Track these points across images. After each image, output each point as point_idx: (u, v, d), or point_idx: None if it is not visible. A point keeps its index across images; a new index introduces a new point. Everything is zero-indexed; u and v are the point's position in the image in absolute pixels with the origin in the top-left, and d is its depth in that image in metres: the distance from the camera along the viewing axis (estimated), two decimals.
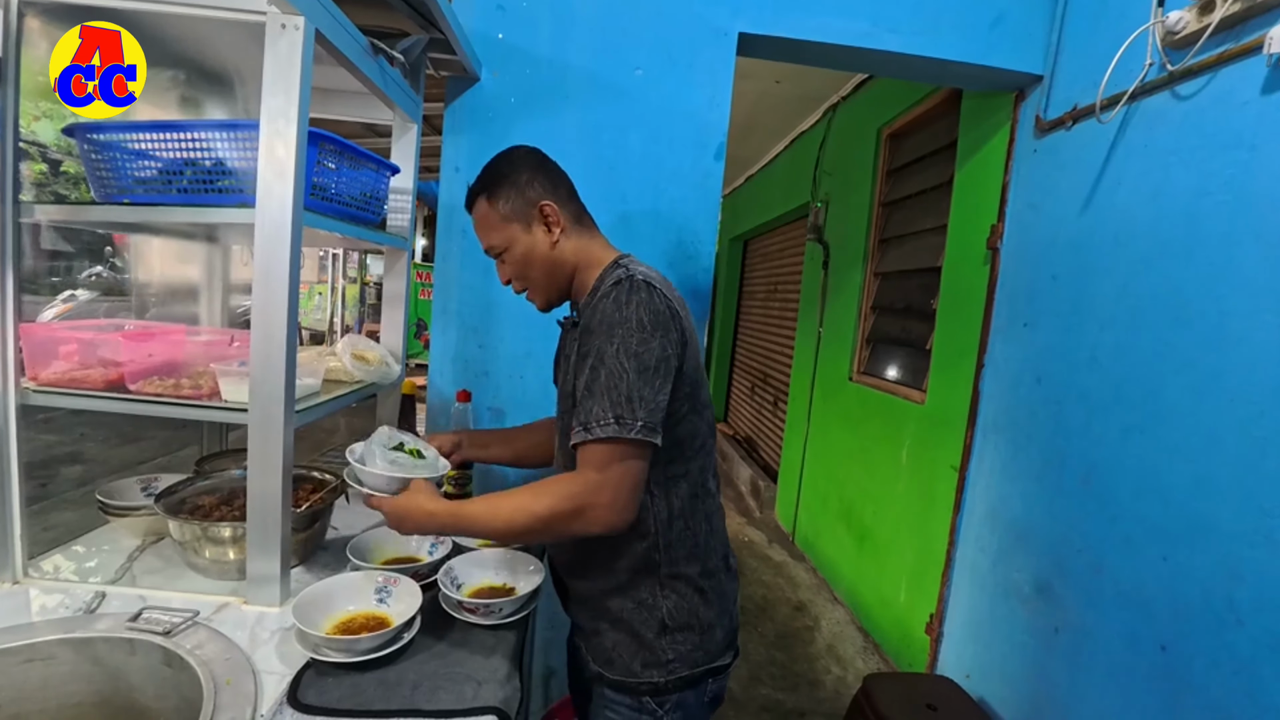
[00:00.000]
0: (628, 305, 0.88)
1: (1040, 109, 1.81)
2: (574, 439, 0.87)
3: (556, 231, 1.00)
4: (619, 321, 0.87)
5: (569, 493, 0.86)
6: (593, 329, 0.89)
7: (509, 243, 1.01)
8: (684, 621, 0.98)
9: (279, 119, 0.93)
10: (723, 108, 1.66)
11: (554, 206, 0.99)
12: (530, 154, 1.03)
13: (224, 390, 1.06)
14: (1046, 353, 1.71)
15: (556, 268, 1.02)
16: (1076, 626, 1.54)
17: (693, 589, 0.99)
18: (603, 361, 0.86)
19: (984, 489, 1.94)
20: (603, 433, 0.84)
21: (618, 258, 1.02)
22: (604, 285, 0.93)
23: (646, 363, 0.86)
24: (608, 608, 1.00)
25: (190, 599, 1.04)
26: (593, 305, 0.92)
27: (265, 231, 0.94)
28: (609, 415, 0.84)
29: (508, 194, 0.99)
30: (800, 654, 2.45)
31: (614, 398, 0.84)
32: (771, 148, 4.55)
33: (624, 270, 0.93)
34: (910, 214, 2.68)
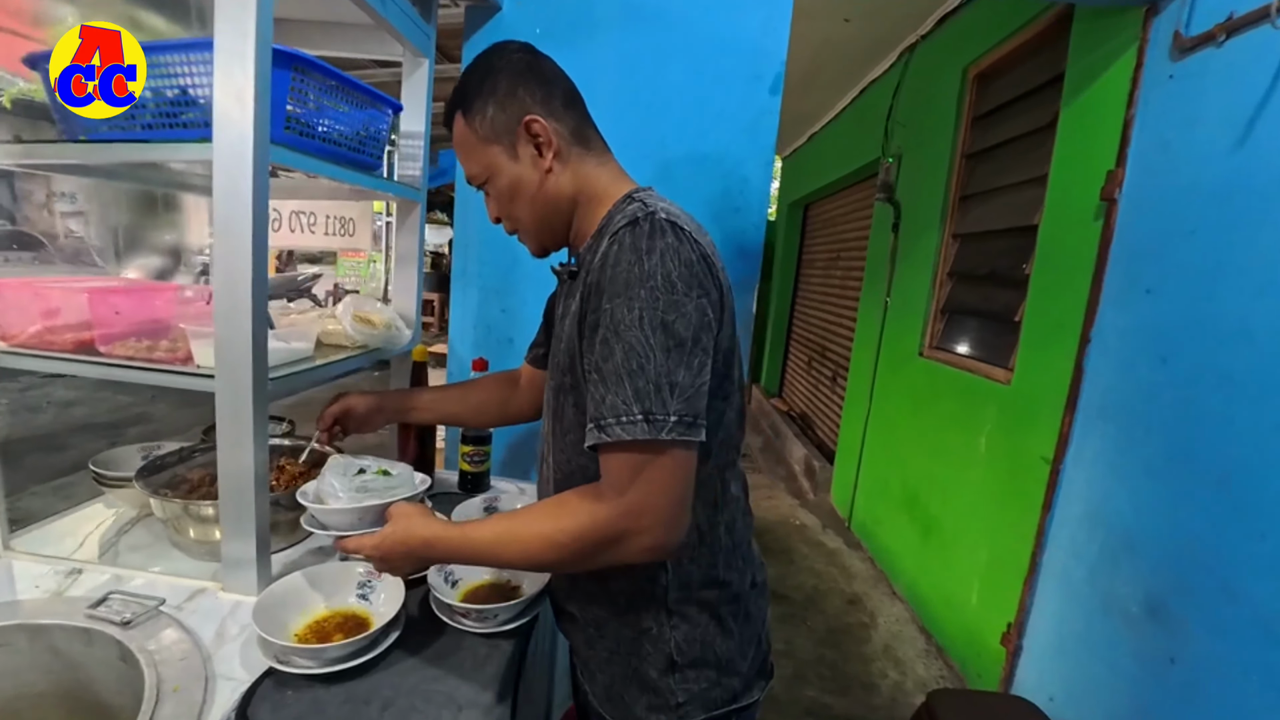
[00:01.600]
0: (649, 254, 0.65)
1: (1180, 23, 1.46)
2: (589, 439, 0.66)
3: (549, 156, 0.78)
4: (639, 278, 0.64)
5: (598, 518, 0.66)
6: (602, 286, 0.67)
7: (490, 170, 0.80)
8: (697, 656, 0.79)
9: (233, 32, 0.78)
10: (780, 32, 1.41)
11: (545, 123, 0.77)
12: (516, 53, 0.80)
13: (196, 354, 0.94)
14: (1176, 325, 1.40)
15: (550, 202, 0.80)
16: (1199, 658, 1.27)
17: (709, 616, 0.79)
18: (618, 334, 0.64)
19: (1084, 485, 1.65)
20: (626, 434, 0.63)
21: (631, 191, 0.79)
22: (611, 224, 0.72)
23: (679, 335, 0.64)
24: (605, 637, 0.82)
25: (169, 581, 0.95)
26: (600, 252, 0.70)
27: (224, 168, 0.80)
28: (635, 410, 0.63)
29: (485, 107, 0.78)
30: (853, 653, 2.24)
31: (638, 385, 0.63)
32: (836, 102, 4.16)
33: (640, 206, 0.71)
34: (999, 165, 2.33)
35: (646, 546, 0.67)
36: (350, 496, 0.82)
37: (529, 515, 0.73)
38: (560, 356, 0.79)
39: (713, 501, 0.80)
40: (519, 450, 1.61)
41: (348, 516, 0.82)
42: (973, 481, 2.21)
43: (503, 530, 0.73)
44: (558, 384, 0.81)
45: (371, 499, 0.83)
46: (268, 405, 0.91)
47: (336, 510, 0.82)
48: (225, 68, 0.79)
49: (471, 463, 1.36)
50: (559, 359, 0.80)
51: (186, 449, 1.16)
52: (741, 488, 0.86)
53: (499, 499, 1.19)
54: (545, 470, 0.90)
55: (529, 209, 0.81)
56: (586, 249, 0.79)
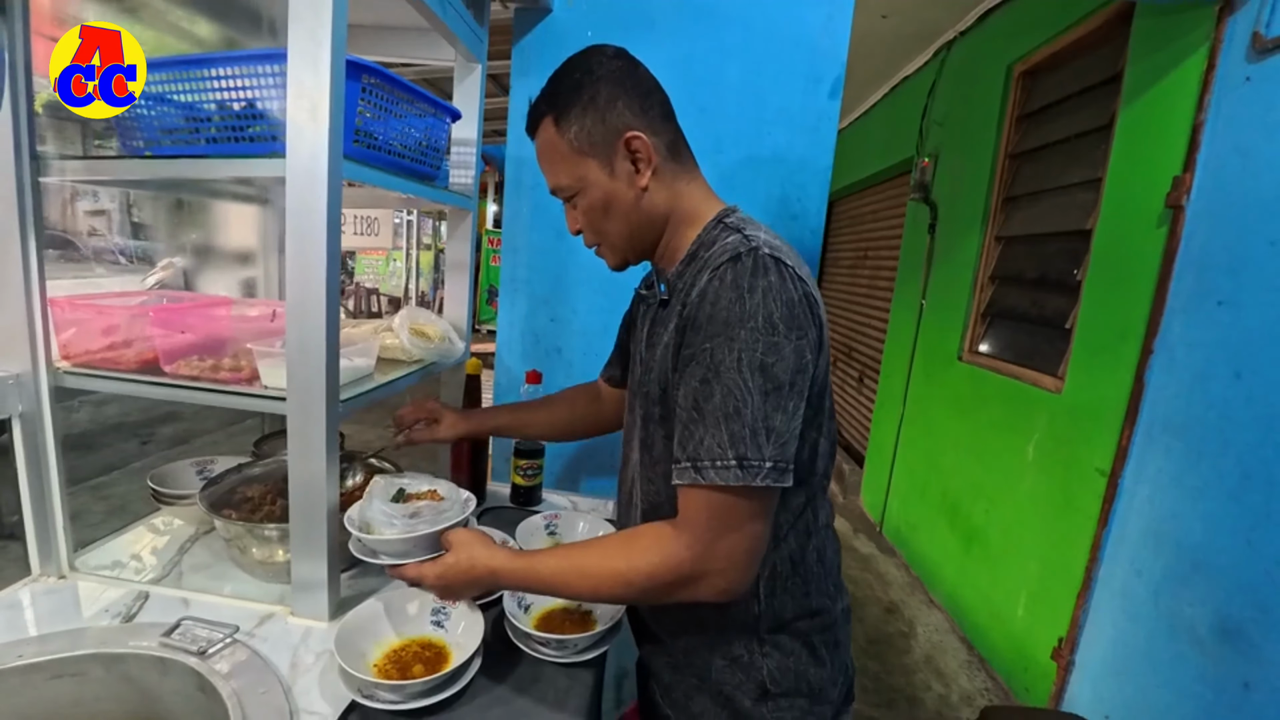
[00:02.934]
0: (752, 293, 0.63)
1: (1260, 23, 1.39)
2: (679, 477, 0.66)
3: (647, 173, 0.75)
4: (741, 318, 0.63)
5: (674, 558, 0.66)
6: (700, 323, 0.66)
7: (581, 184, 0.76)
8: (790, 686, 0.77)
9: (308, 43, 0.75)
10: (842, 32, 1.36)
11: (645, 139, 0.73)
12: (615, 58, 0.76)
13: (263, 374, 0.92)
14: (1254, 340, 1.35)
15: (644, 221, 0.77)
16: (1278, 684, 1.23)
17: (801, 644, 0.78)
18: (718, 374, 0.63)
19: (1145, 501, 1.60)
20: (720, 479, 0.63)
21: (721, 213, 0.77)
22: (712, 256, 0.69)
23: (778, 378, 0.63)
24: (693, 664, 0.81)
25: (236, 605, 0.93)
26: (699, 287, 0.67)
27: (297, 184, 0.77)
28: (729, 454, 0.62)
29: (582, 117, 0.74)
30: (895, 664, 2.21)
31: (734, 429, 0.62)
32: (868, 97, 4.08)
33: (740, 237, 0.69)
34: (1048, 167, 2.26)
35: (720, 589, 0.66)
36: (403, 524, 0.80)
37: (600, 550, 0.73)
38: (650, 386, 0.77)
39: (805, 530, 0.78)
40: (570, 463, 1.58)
41: (401, 545, 0.80)
42: (1020, 491, 2.16)
43: (570, 565, 0.72)
44: (647, 413, 0.78)
45: (423, 526, 0.80)
46: (339, 426, 0.89)
47: (389, 539, 0.80)
48: (298, 81, 0.76)
49: (525, 476, 1.33)
50: (649, 389, 0.77)
51: (244, 464, 1.14)
52: (829, 514, 0.84)
53: (559, 518, 1.16)
54: (629, 496, 0.88)
55: (621, 226, 0.78)
56: (677, 275, 0.77)
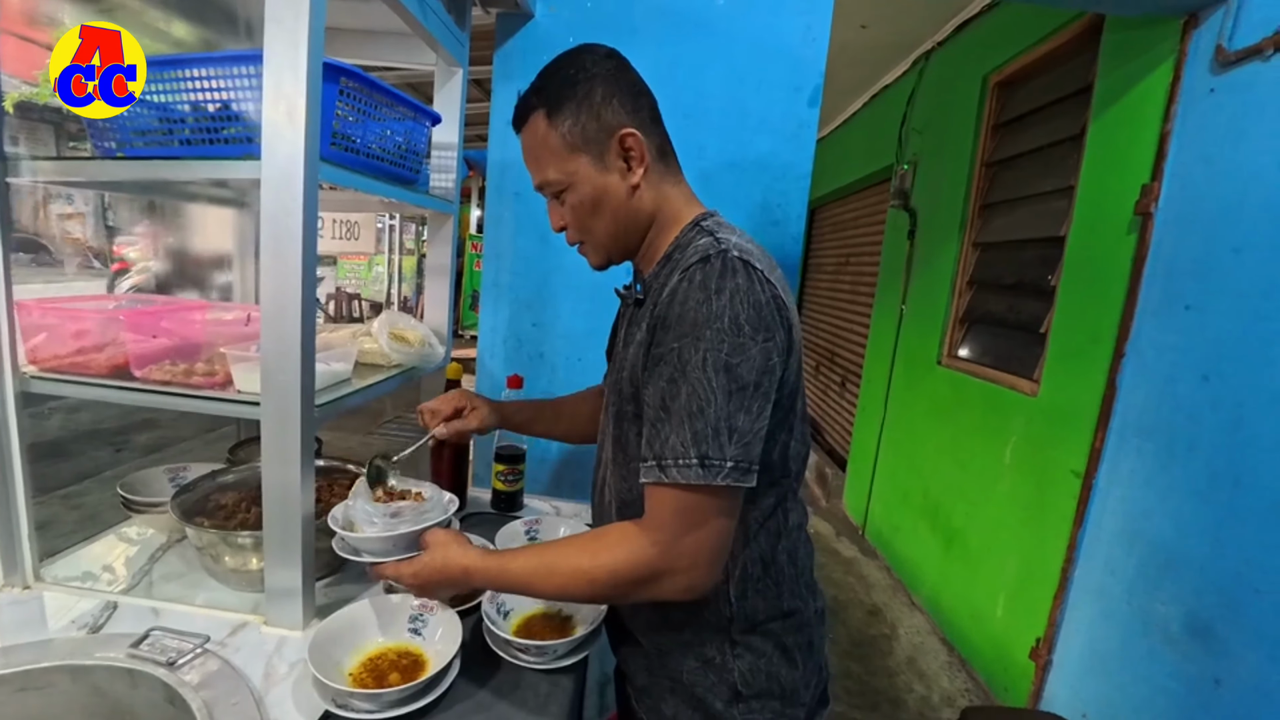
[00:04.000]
0: (719, 294, 0.64)
1: (1223, 36, 1.44)
2: (645, 475, 0.67)
3: (639, 171, 0.75)
4: (708, 319, 0.64)
5: (637, 556, 0.67)
6: (669, 323, 0.67)
7: (571, 179, 0.75)
8: (762, 687, 0.78)
9: (285, 44, 0.74)
10: (821, 42, 1.38)
11: (639, 137, 0.74)
12: (608, 58, 0.76)
13: (237, 378, 0.90)
14: (1220, 344, 1.38)
15: (630, 220, 0.77)
16: (1248, 682, 1.25)
17: (773, 645, 0.79)
18: (684, 374, 0.65)
19: (1119, 501, 1.64)
20: (682, 476, 0.64)
21: (699, 216, 0.78)
22: (685, 257, 0.70)
23: (742, 379, 0.64)
24: (666, 665, 0.81)
25: (208, 615, 0.91)
26: (669, 287, 0.68)
27: (273, 186, 0.77)
28: (691, 453, 0.63)
29: (576, 113, 0.73)
30: (878, 666, 2.22)
31: (697, 427, 0.63)
32: (848, 106, 4.14)
33: (711, 240, 0.70)
34: (1023, 175, 2.31)
35: (682, 587, 0.68)
36: (384, 523, 0.81)
37: (566, 548, 0.74)
38: (624, 384, 0.77)
39: (776, 531, 0.79)
40: (552, 468, 1.58)
41: (382, 544, 0.81)
42: (998, 493, 2.19)
43: (539, 563, 0.73)
44: (619, 410, 0.79)
45: (404, 525, 0.82)
46: (315, 431, 0.87)
47: (370, 538, 0.81)
48: (275, 82, 0.76)
49: (505, 481, 1.32)
50: (622, 386, 0.78)
51: (217, 471, 1.12)
52: (801, 516, 0.85)
53: (540, 522, 1.16)
54: (603, 495, 0.88)
55: (608, 224, 0.78)
56: (653, 276, 0.77)
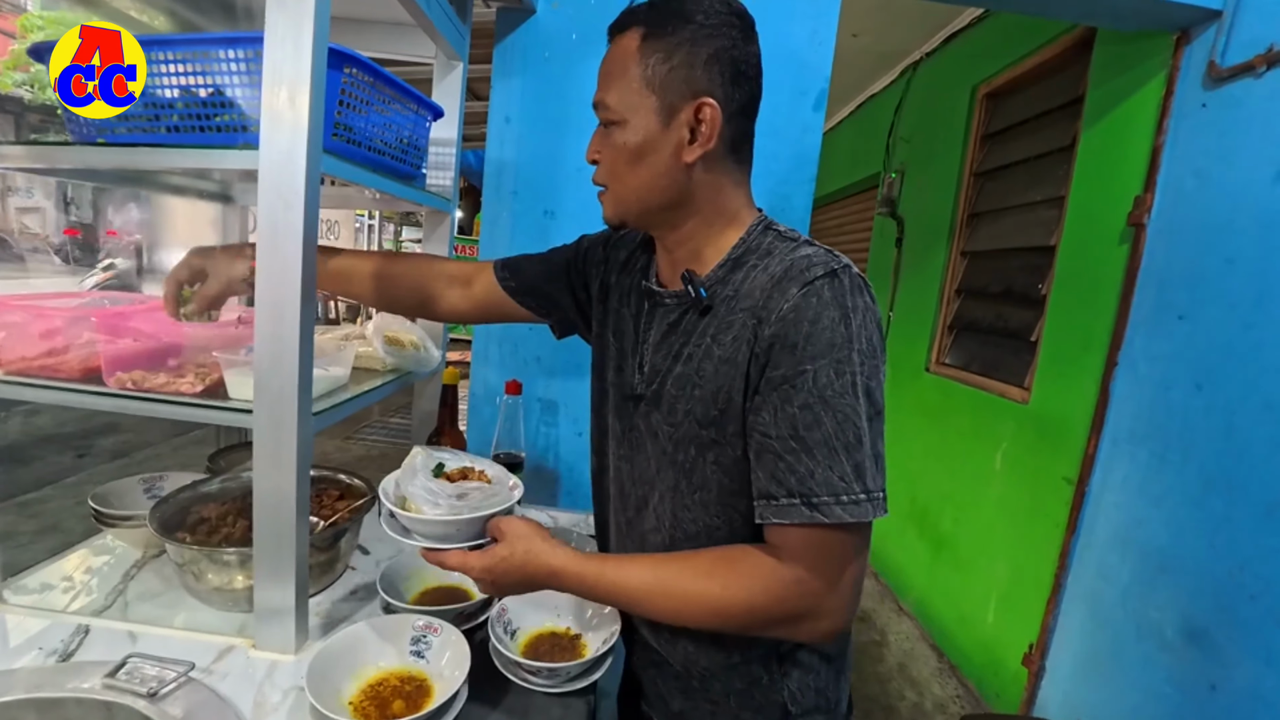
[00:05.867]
0: (854, 314, 0.60)
1: (1216, 52, 1.47)
2: (783, 515, 0.60)
3: (697, 152, 0.67)
4: (847, 340, 0.59)
5: (780, 594, 0.61)
6: (794, 342, 0.60)
7: (628, 116, 0.67)
8: (811, 703, 0.75)
9: (288, 24, 0.69)
10: (826, 45, 1.37)
11: (717, 113, 0.65)
12: (740, 17, 0.68)
13: (231, 385, 0.84)
14: (1214, 353, 1.40)
15: (666, 192, 0.69)
16: (1244, 687, 1.27)
17: (819, 658, 0.75)
18: (825, 401, 0.59)
19: (1112, 508, 1.65)
20: (850, 515, 0.58)
21: (764, 219, 0.73)
22: (790, 268, 0.64)
23: (878, 404, 0.61)
24: (709, 689, 0.77)
25: (190, 638, 0.84)
26: (787, 302, 0.62)
27: (272, 178, 0.71)
28: (855, 488, 0.58)
29: (672, 53, 0.64)
30: (870, 674, 2.21)
31: (856, 460, 0.58)
32: (836, 114, 4.17)
33: (823, 251, 0.66)
34: (1012, 185, 2.34)
35: (826, 630, 0.62)
36: (450, 505, 0.72)
37: (689, 568, 0.66)
38: (698, 407, 0.69)
39: None
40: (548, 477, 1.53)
41: (444, 528, 0.72)
42: (989, 499, 2.20)
43: (654, 580, 0.66)
44: (690, 436, 0.70)
45: (470, 509, 0.73)
46: (312, 441, 0.82)
47: (430, 520, 0.71)
48: (276, 65, 0.71)
49: None
50: (694, 409, 0.69)
51: (199, 481, 1.05)
52: None
53: None
54: (642, 520, 0.79)
55: (641, 180, 0.69)
56: (718, 279, 0.70)
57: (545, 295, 0.95)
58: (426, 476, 0.77)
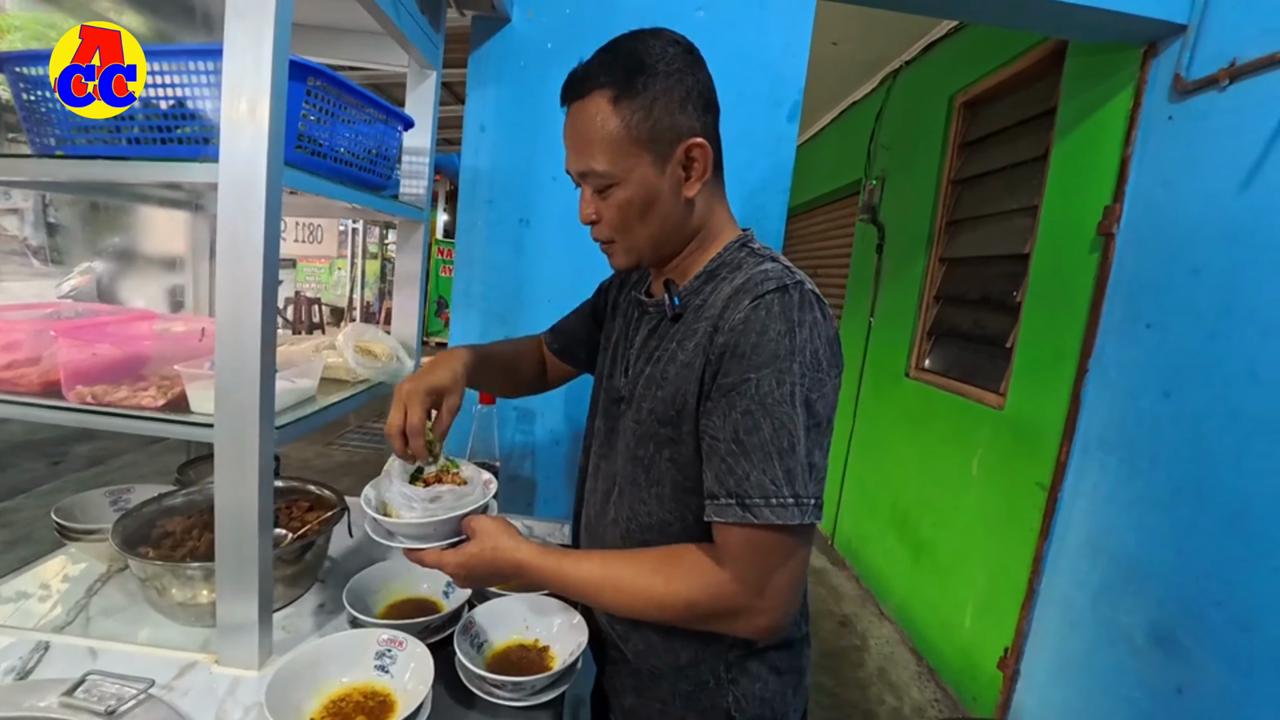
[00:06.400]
0: (800, 327, 0.63)
1: (1181, 65, 1.50)
2: (720, 514, 0.64)
3: (697, 185, 0.70)
4: (790, 351, 0.62)
5: (717, 591, 0.65)
6: (743, 352, 0.64)
7: (624, 176, 0.69)
8: (755, 712, 0.77)
9: (247, 39, 0.69)
10: (800, 57, 1.38)
11: (707, 149, 0.69)
12: (689, 52, 0.70)
13: (193, 399, 0.84)
14: (1181, 361, 1.43)
15: (677, 231, 0.73)
16: (1211, 690, 1.29)
17: (768, 668, 0.78)
18: (764, 407, 0.62)
19: (1083, 514, 1.67)
20: (777, 517, 0.61)
21: (744, 236, 0.77)
22: (749, 281, 0.67)
23: (818, 415, 0.63)
24: (658, 688, 0.79)
25: (152, 654, 0.83)
26: (737, 313, 0.65)
27: (232, 191, 0.71)
28: (784, 492, 0.61)
29: (650, 106, 0.67)
30: (850, 678, 2.22)
31: (788, 465, 0.61)
32: (818, 120, 4.20)
33: (780, 267, 0.69)
34: (988, 193, 2.37)
35: (761, 627, 0.66)
36: (424, 508, 0.76)
37: (636, 565, 0.70)
38: (659, 406, 0.72)
39: None
40: (524, 485, 1.52)
41: (420, 529, 0.76)
42: (966, 504, 2.22)
43: (604, 575, 0.70)
44: (650, 433, 0.74)
45: (444, 510, 0.76)
46: (274, 453, 0.81)
47: (407, 524, 0.76)
48: (236, 78, 0.70)
49: None
50: (655, 408, 0.73)
51: (164, 494, 1.04)
52: None
53: None
54: (603, 513, 0.83)
55: (654, 230, 0.73)
56: (693, 290, 0.74)
57: (580, 339, 1.01)
58: (402, 482, 0.79)
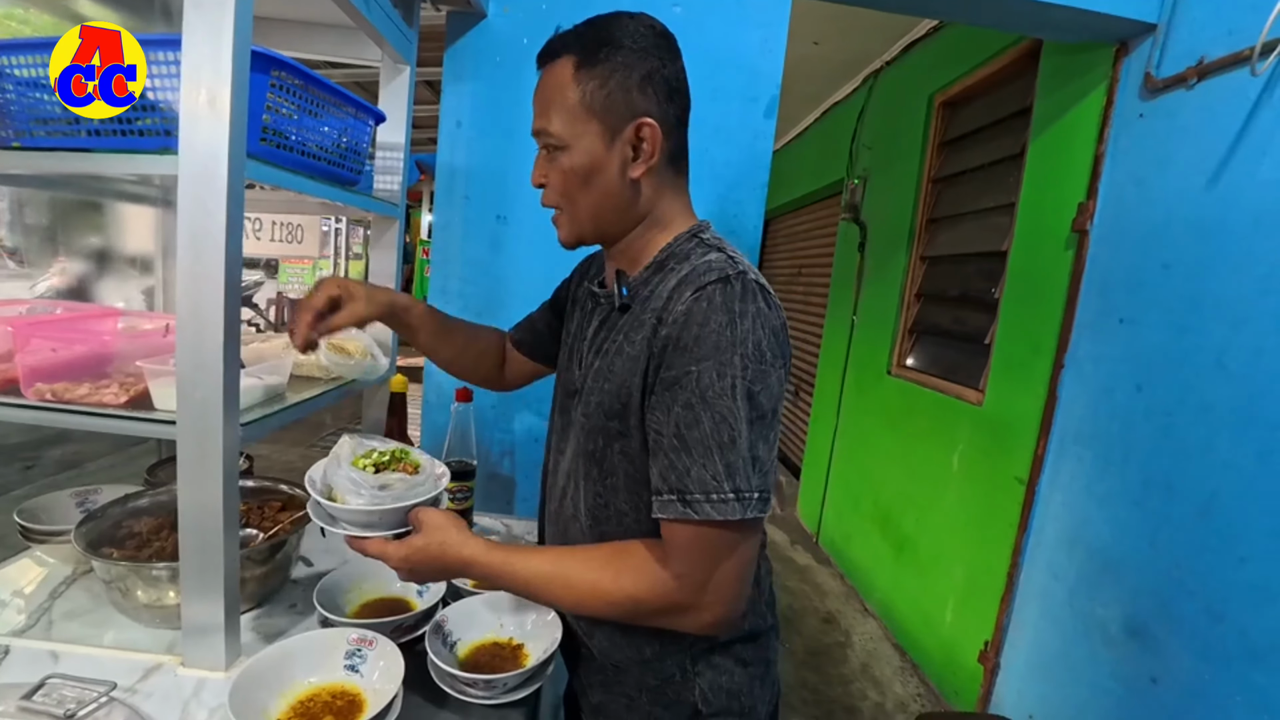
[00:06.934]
0: (743, 319, 0.62)
1: (1151, 64, 1.52)
2: (662, 510, 0.63)
3: (642, 167, 0.70)
4: (731, 343, 0.62)
5: (660, 589, 0.64)
6: (685, 344, 0.63)
7: (572, 141, 0.69)
8: (722, 705, 0.77)
9: (206, 30, 0.68)
10: (777, 54, 1.39)
11: (656, 131, 0.69)
12: (663, 37, 0.71)
13: (156, 396, 0.82)
14: (1152, 355, 1.45)
15: (618, 209, 0.73)
16: (1183, 680, 1.31)
17: (733, 662, 0.78)
18: (704, 401, 0.61)
19: (1060, 507, 1.69)
20: (717, 513, 0.60)
21: (696, 227, 0.75)
22: (692, 272, 0.67)
23: (762, 407, 0.62)
24: (624, 683, 0.79)
25: (116, 657, 0.82)
26: (680, 305, 0.64)
27: (192, 183, 0.70)
28: (725, 487, 0.60)
29: (607, 78, 0.67)
30: (833, 675, 2.23)
31: (728, 460, 0.60)
32: (801, 119, 4.23)
33: (724, 257, 0.68)
34: (967, 191, 2.39)
35: (707, 622, 0.65)
36: (371, 495, 0.72)
37: (585, 561, 0.69)
38: (606, 399, 0.72)
39: None
40: (502, 484, 1.52)
41: (366, 516, 0.73)
42: (947, 500, 2.24)
43: (553, 571, 0.69)
44: (599, 427, 0.73)
45: (392, 499, 0.73)
46: (238, 453, 0.80)
47: (352, 510, 0.72)
48: (195, 71, 0.69)
49: (454, 499, 1.26)
50: (603, 401, 0.72)
51: (131, 494, 1.02)
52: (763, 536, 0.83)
53: None
54: (562, 508, 0.82)
55: (594, 202, 0.72)
56: (642, 281, 0.73)
57: (545, 338, 0.99)
58: (350, 466, 0.75)
